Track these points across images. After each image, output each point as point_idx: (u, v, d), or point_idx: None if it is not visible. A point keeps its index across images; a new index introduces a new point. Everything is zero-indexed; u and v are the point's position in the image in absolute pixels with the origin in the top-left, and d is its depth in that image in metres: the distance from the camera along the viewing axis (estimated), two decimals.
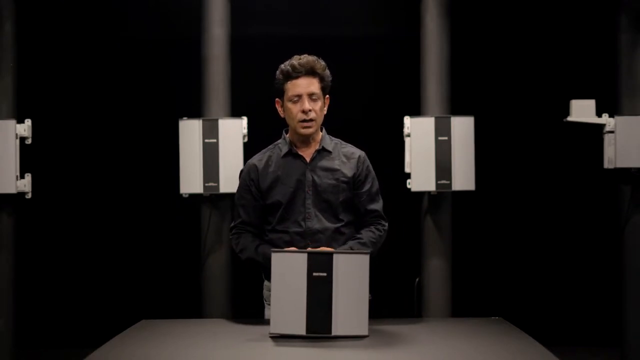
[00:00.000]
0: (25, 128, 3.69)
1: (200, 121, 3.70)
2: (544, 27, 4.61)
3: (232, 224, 2.62)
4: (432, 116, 3.69)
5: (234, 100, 3.84)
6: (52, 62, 4.62)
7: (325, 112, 2.56)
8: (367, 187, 2.58)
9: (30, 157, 3.78)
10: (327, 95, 2.55)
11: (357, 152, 2.61)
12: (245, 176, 2.58)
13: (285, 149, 2.56)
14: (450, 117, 3.68)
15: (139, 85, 4.64)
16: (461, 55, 4.12)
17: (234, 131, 3.70)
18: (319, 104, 2.49)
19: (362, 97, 4.52)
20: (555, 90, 4.46)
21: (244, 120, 3.72)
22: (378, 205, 2.60)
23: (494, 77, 4.62)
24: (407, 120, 3.69)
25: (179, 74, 4.41)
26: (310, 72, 2.47)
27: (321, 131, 2.59)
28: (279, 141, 2.61)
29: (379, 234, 2.57)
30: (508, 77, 4.62)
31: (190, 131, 3.70)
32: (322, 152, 2.55)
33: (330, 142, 2.59)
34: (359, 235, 2.54)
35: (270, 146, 2.63)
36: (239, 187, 2.61)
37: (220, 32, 3.78)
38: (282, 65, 2.51)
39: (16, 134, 3.66)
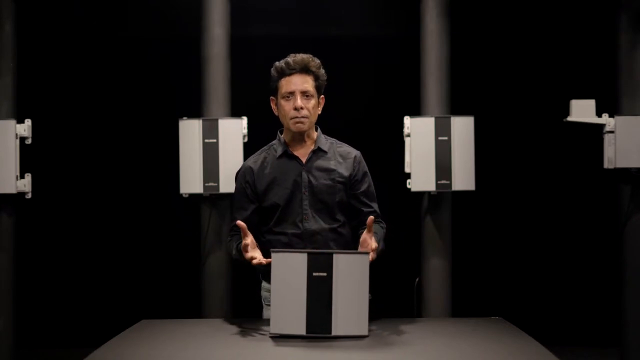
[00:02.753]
0: (25, 128, 3.69)
1: (200, 121, 3.70)
2: (544, 27, 4.62)
3: (230, 226, 2.61)
4: (432, 116, 3.69)
5: (234, 100, 3.84)
6: (52, 62, 4.62)
7: (319, 112, 2.54)
8: (364, 186, 2.56)
9: (30, 157, 3.78)
10: (322, 95, 2.53)
11: (353, 152, 2.59)
12: (241, 178, 2.56)
13: (280, 150, 2.54)
14: (450, 117, 3.68)
15: (139, 85, 4.64)
16: (461, 55, 4.12)
17: (234, 131, 3.70)
18: (313, 102, 2.47)
19: (362, 97, 4.52)
20: (555, 90, 4.46)
21: (244, 120, 3.72)
22: (376, 206, 2.59)
23: (494, 77, 4.62)
24: (407, 120, 3.69)
25: (179, 74, 4.41)
26: (305, 69, 2.45)
27: (316, 131, 2.58)
28: (274, 142, 2.59)
29: (384, 231, 2.54)
30: (508, 77, 4.62)
31: (190, 131, 3.70)
32: (318, 152, 2.54)
33: (326, 142, 2.57)
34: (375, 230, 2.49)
35: (265, 147, 2.61)
36: (235, 189, 2.60)
37: (220, 32, 3.78)
38: (277, 63, 2.49)
39: (16, 134, 3.66)
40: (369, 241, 2.28)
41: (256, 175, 2.53)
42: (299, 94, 2.45)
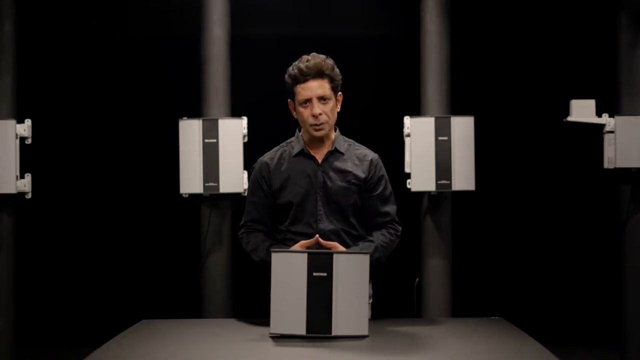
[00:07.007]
0: (25, 128, 3.70)
1: (200, 121, 3.71)
2: (544, 27, 4.61)
3: (242, 222, 2.59)
4: (432, 116, 3.69)
5: (234, 100, 3.84)
6: (52, 62, 4.62)
7: (338, 110, 2.53)
8: (379, 190, 2.54)
9: (30, 157, 3.78)
10: (340, 93, 2.51)
11: (370, 155, 2.58)
12: (257, 174, 2.56)
13: (297, 148, 2.53)
14: (450, 117, 3.68)
15: (139, 85, 4.64)
16: (461, 55, 4.12)
17: (234, 131, 3.70)
18: (330, 105, 2.45)
19: (362, 97, 4.51)
20: (555, 90, 4.46)
21: (244, 120, 3.72)
22: (391, 209, 2.56)
23: (494, 77, 4.61)
24: (407, 120, 3.69)
25: (179, 74, 4.41)
26: (319, 74, 2.42)
27: (335, 131, 2.57)
28: (292, 139, 2.58)
29: (391, 238, 2.52)
30: (508, 77, 4.62)
31: (190, 131, 3.71)
32: (335, 153, 2.52)
33: (344, 143, 2.56)
34: (370, 237, 2.50)
35: (283, 144, 2.60)
36: (249, 184, 2.59)
37: (220, 32, 3.78)
38: (290, 69, 2.46)
39: (16, 134, 3.66)
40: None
41: (272, 171, 2.53)
42: (316, 100, 2.42)
